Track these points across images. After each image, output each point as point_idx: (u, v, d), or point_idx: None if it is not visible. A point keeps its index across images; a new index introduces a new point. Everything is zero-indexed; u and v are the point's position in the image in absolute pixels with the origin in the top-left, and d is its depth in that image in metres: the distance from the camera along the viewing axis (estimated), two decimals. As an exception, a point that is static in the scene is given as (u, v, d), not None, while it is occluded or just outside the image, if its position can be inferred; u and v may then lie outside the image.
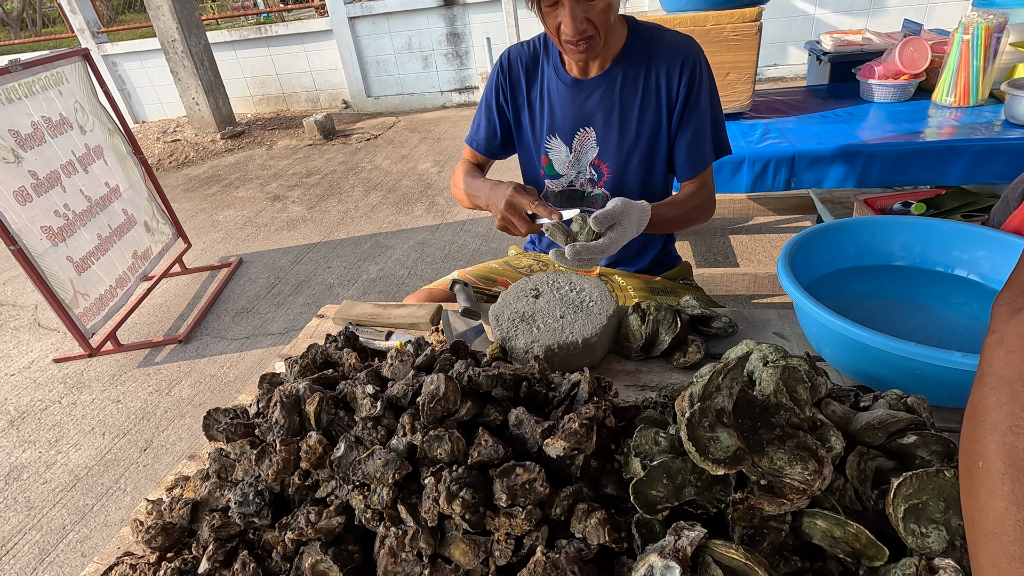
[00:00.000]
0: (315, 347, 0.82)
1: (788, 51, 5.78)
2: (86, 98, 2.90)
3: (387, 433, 0.63)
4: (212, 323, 2.96)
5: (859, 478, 0.57)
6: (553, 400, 0.70)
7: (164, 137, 6.53)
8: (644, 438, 0.58)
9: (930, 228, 0.97)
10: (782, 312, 1.05)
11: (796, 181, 2.04)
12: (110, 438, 2.25)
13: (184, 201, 4.74)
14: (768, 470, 0.53)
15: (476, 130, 1.44)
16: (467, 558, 0.55)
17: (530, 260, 1.53)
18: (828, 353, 0.84)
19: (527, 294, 1.05)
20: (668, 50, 1.23)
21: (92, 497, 1.99)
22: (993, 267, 0.91)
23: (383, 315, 1.15)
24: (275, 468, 0.62)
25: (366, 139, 5.87)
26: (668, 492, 0.53)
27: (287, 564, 0.59)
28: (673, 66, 1.22)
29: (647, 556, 0.50)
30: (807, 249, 0.95)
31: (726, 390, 0.55)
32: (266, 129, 6.58)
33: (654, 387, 0.92)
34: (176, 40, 5.74)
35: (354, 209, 4.17)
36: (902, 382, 0.72)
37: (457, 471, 0.56)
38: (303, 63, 6.98)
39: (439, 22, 6.38)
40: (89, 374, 2.66)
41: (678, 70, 1.22)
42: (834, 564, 0.54)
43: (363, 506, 0.59)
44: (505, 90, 1.38)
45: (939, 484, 0.50)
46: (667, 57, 1.23)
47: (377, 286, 3.12)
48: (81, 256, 2.62)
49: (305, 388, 0.67)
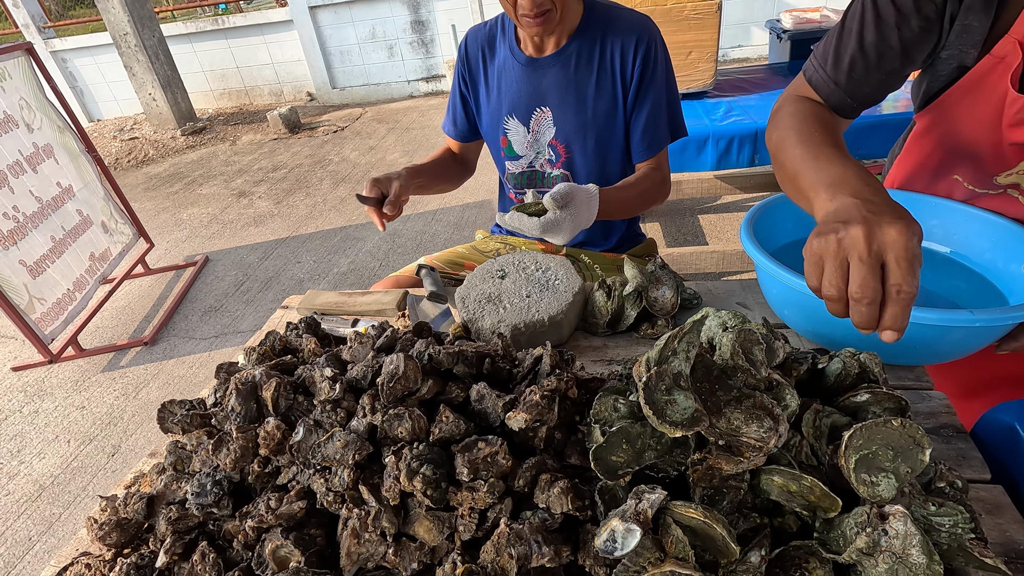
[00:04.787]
0: (273, 334, 0.80)
1: (751, 32, 5.84)
2: (32, 95, 2.77)
3: (347, 415, 0.62)
4: (179, 323, 2.88)
5: (815, 434, 0.58)
6: (517, 376, 0.70)
7: (121, 135, 6.29)
8: (603, 405, 0.58)
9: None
10: (746, 283, 1.07)
11: (760, 157, 2.07)
12: (75, 445, 2.18)
13: (145, 200, 4.59)
14: (725, 430, 0.53)
15: (448, 116, 1.45)
16: (431, 535, 0.55)
17: (497, 244, 1.52)
18: (787, 315, 0.86)
19: (493, 275, 1.04)
20: (623, 27, 1.22)
21: (59, 506, 1.93)
22: (945, 235, 0.94)
23: (348, 303, 1.13)
24: (233, 457, 0.61)
25: (333, 131, 5.76)
26: (628, 457, 0.53)
27: (249, 553, 0.58)
28: (628, 44, 1.21)
29: (609, 521, 0.50)
30: (770, 217, 0.96)
31: (682, 354, 0.55)
32: (229, 124, 6.39)
33: (621, 361, 0.92)
34: (128, 34, 5.52)
35: (323, 202, 4.10)
36: (856, 341, 0.74)
37: (418, 448, 0.56)
38: (264, 55, 6.78)
39: (403, 10, 6.27)
40: (51, 381, 2.57)
41: (632, 48, 1.20)
42: (792, 518, 0.55)
43: (324, 489, 0.58)
44: (464, 74, 1.37)
45: (887, 434, 0.51)
46: (622, 34, 1.21)
47: (348, 279, 3.07)
48: (35, 259, 2.52)
49: (261, 374, 0.65)
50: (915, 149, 0.98)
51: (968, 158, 0.88)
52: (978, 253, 0.90)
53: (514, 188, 1.45)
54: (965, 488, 0.57)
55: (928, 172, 0.95)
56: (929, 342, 0.73)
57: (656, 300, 0.96)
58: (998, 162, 0.83)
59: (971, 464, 0.67)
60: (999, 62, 0.76)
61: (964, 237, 0.91)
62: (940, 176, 0.93)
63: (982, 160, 0.85)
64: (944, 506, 0.49)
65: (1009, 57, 0.74)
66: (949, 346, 0.74)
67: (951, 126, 0.88)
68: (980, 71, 0.79)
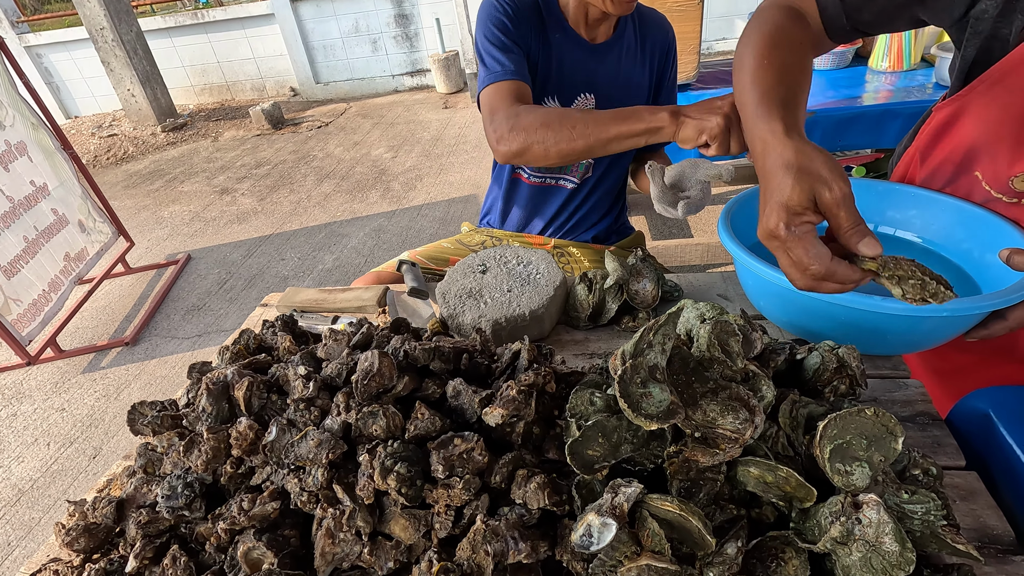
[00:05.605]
0: (247, 333, 0.79)
1: (735, 24, 5.86)
2: (3, 91, 2.70)
3: (321, 414, 0.61)
4: (161, 323, 2.84)
5: (791, 425, 0.58)
6: (495, 371, 0.69)
7: (100, 132, 6.17)
8: (579, 399, 0.58)
9: (866, 188, 0.99)
10: (726, 275, 1.07)
11: (742, 150, 2.08)
12: (55, 448, 2.14)
13: (125, 198, 4.51)
14: (701, 422, 0.53)
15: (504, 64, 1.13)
16: (407, 533, 0.54)
17: (483, 236, 1.51)
18: (765, 307, 0.86)
19: (474, 270, 1.03)
20: (654, 24, 1.27)
21: (38, 510, 1.90)
22: (924, 225, 0.94)
23: (329, 300, 1.11)
24: (204, 458, 0.59)
25: (317, 127, 5.70)
26: (605, 451, 0.53)
27: (221, 555, 0.57)
28: (661, 40, 1.27)
29: (585, 516, 0.50)
30: (749, 209, 0.96)
31: (658, 346, 0.55)
32: (210, 120, 6.30)
33: (602, 354, 0.92)
34: (105, 28, 5.41)
35: (307, 199, 4.05)
36: (832, 332, 0.74)
37: (392, 446, 0.55)
38: (245, 50, 6.68)
39: (386, 3, 6.20)
40: (29, 383, 2.52)
41: (664, 44, 1.29)
42: (769, 509, 0.55)
43: (298, 489, 0.57)
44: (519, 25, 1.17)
45: (860, 423, 0.51)
46: (655, 31, 1.26)
47: (333, 275, 3.05)
48: (8, 260, 2.46)
49: (233, 374, 0.64)
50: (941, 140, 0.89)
51: (989, 154, 0.80)
52: (955, 243, 0.90)
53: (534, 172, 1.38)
54: (940, 475, 0.57)
55: (952, 166, 0.87)
56: (901, 331, 0.73)
57: (637, 293, 0.96)
58: (1015, 161, 0.76)
59: (946, 451, 0.68)
60: None
61: (942, 227, 0.92)
62: (963, 171, 0.86)
63: (1001, 157, 0.78)
64: (917, 493, 0.49)
65: None
66: (921, 335, 0.74)
67: (980, 116, 0.79)
68: (1017, 57, 0.70)
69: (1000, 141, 0.77)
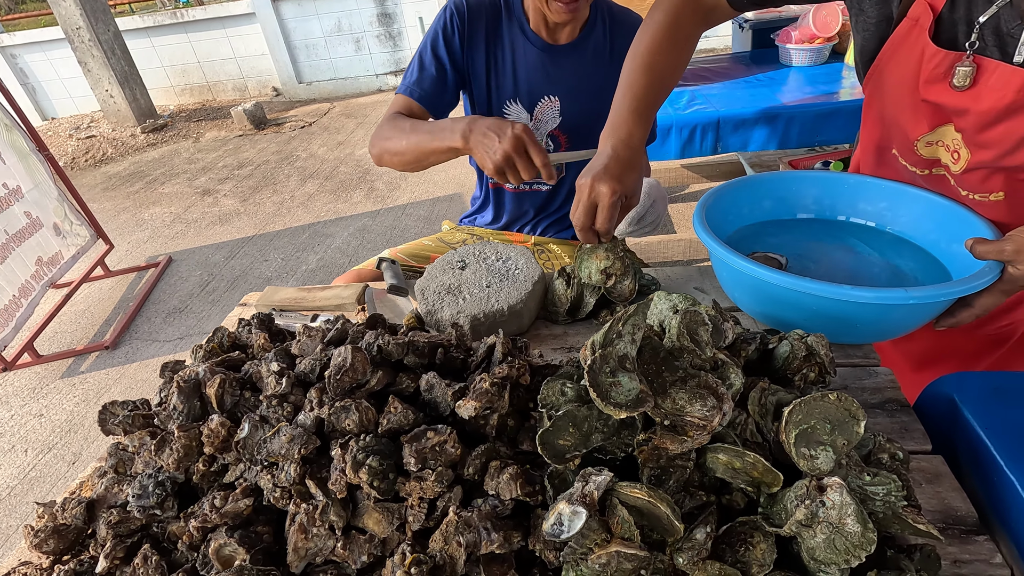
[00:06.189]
0: (221, 331, 0.78)
1: (717, 23, 5.90)
2: (-25, 91, 2.65)
3: (294, 410, 0.61)
4: (142, 326, 2.80)
5: (760, 412, 0.59)
6: (471, 365, 0.69)
7: (77, 133, 6.07)
8: (551, 390, 0.58)
9: (838, 181, 1.00)
10: (703, 269, 1.08)
11: (723, 145, 2.10)
12: (33, 455, 2.11)
13: (104, 200, 4.44)
14: (670, 411, 0.54)
15: (417, 79, 1.23)
16: (381, 526, 0.54)
17: (464, 235, 1.51)
18: (738, 297, 0.87)
19: (453, 266, 1.03)
20: (628, 25, 1.24)
21: (16, 518, 1.86)
22: (894, 216, 0.96)
23: (308, 298, 1.11)
24: (176, 456, 0.59)
25: (300, 127, 5.65)
26: (576, 440, 0.54)
27: (194, 554, 0.57)
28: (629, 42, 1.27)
29: (556, 505, 0.50)
30: (724, 202, 0.97)
31: (628, 336, 0.55)
32: (191, 121, 6.22)
33: (580, 348, 0.92)
34: (81, 28, 5.32)
35: (290, 199, 4.02)
36: (804, 322, 0.75)
37: (364, 440, 0.55)
38: (226, 49, 6.60)
39: (368, 2, 6.17)
40: (5, 389, 2.47)
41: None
42: (739, 495, 0.56)
43: (271, 485, 0.57)
44: (462, 38, 1.21)
45: (824, 408, 0.52)
46: (627, 31, 1.23)
47: (317, 276, 3.03)
48: (-20, 265, 2.42)
49: (205, 371, 0.63)
50: (864, 128, 0.97)
51: (896, 127, 0.86)
52: (923, 233, 0.92)
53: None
54: (906, 459, 0.58)
55: (873, 148, 0.95)
56: (869, 320, 0.75)
57: (614, 287, 0.96)
58: (915, 126, 0.81)
59: (913, 436, 0.69)
60: (914, 24, 0.74)
61: (912, 219, 0.93)
62: (883, 152, 0.93)
63: (904, 126, 0.84)
64: (878, 475, 0.50)
65: (923, 18, 0.73)
66: (890, 324, 0.76)
67: (883, 96, 0.85)
68: (901, 33, 0.77)
69: (901, 113, 0.83)
